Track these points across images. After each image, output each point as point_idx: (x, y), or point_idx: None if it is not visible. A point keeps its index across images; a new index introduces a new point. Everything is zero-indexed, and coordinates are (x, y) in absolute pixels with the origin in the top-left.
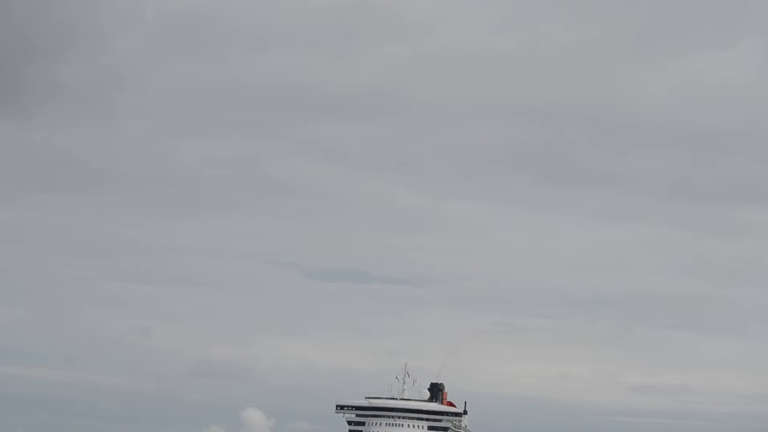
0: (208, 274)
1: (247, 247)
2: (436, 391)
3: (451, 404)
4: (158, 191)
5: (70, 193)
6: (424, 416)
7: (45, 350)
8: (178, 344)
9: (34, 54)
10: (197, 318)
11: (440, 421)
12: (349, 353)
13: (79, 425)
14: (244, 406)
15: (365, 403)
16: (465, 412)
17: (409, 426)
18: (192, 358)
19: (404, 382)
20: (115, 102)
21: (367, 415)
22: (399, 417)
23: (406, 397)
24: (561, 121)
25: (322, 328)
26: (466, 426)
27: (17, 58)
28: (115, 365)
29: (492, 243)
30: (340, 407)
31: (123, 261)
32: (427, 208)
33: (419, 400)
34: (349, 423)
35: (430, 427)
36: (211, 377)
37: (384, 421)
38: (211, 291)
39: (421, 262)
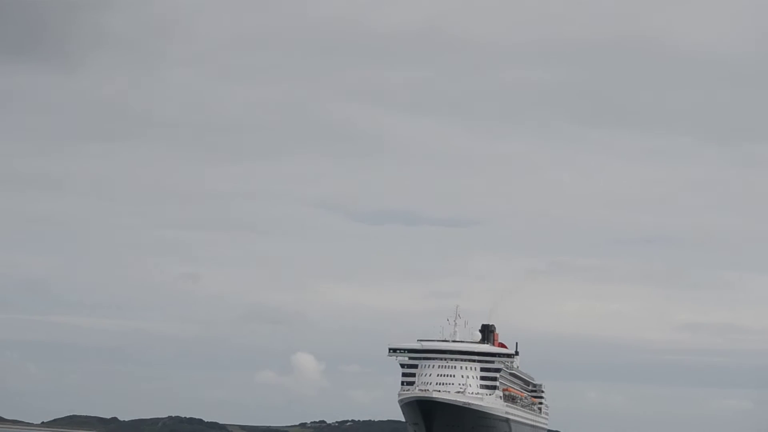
0: (258, 219)
1: (296, 192)
2: (488, 332)
3: (502, 345)
4: (207, 137)
5: (117, 141)
6: (477, 358)
7: (96, 299)
8: (228, 290)
9: (81, 3)
10: (247, 263)
11: (492, 362)
12: (399, 295)
13: (132, 372)
14: (294, 350)
15: (418, 345)
16: (516, 353)
17: (461, 368)
18: (242, 304)
19: (456, 324)
20: (162, 49)
21: (419, 358)
22: (451, 359)
23: (458, 339)
24: (610, 61)
25: (372, 270)
26: (517, 366)
27: (65, 7)
28: (165, 312)
29: (542, 184)
30: (393, 350)
31: (171, 207)
32: (475, 149)
33: (471, 342)
34: (402, 366)
35: (482, 369)
36: (262, 322)
37: (437, 363)
38: (260, 236)
39: (470, 203)
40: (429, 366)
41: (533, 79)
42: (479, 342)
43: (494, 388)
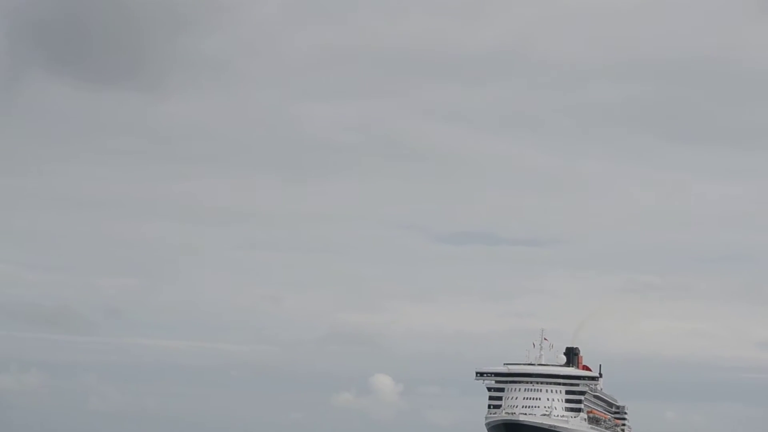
0: (338, 239)
1: (376, 213)
2: (572, 355)
3: (586, 368)
4: (288, 157)
5: (200, 162)
6: (562, 381)
7: (175, 320)
8: (308, 312)
9: (165, 25)
10: (327, 285)
11: (577, 385)
12: (478, 316)
13: (210, 394)
14: (373, 372)
15: (504, 369)
16: (600, 375)
17: (547, 391)
18: (322, 325)
19: (541, 348)
20: (246, 70)
21: (506, 381)
22: (537, 382)
23: (543, 363)
24: (689, 77)
25: (451, 292)
26: (601, 389)
27: (147, 30)
28: (245, 334)
29: (621, 202)
30: (480, 374)
31: (253, 228)
32: (555, 168)
33: (556, 365)
34: (489, 389)
35: (567, 392)
36: (341, 344)
37: (523, 386)
38: (340, 257)
39: (550, 222)
40: (515, 389)
41: (613, 97)
42: (564, 365)
43: (579, 410)
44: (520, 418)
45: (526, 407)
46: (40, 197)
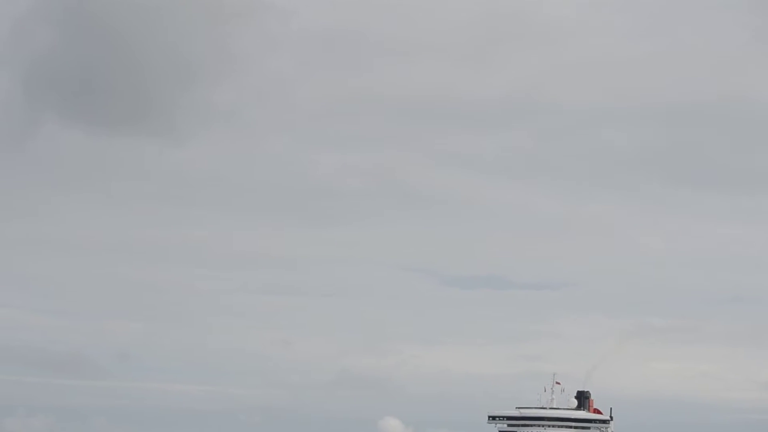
0: (347, 283)
1: (385, 257)
2: (583, 398)
3: (597, 411)
4: (296, 203)
5: (209, 208)
6: (573, 424)
7: (184, 364)
8: (317, 355)
9: (177, 73)
10: (336, 328)
11: (588, 428)
12: (487, 360)
13: None
14: (382, 415)
15: (516, 413)
16: (611, 418)
17: None
18: (331, 369)
19: (553, 391)
20: (256, 118)
21: (518, 425)
22: (549, 426)
23: (554, 406)
24: (696, 122)
25: (460, 335)
26: (612, 431)
27: (159, 77)
28: (254, 377)
29: (627, 245)
30: (492, 417)
31: (262, 273)
32: (562, 212)
33: (567, 409)
34: None
35: None
36: (350, 388)
37: (535, 430)
38: (349, 301)
39: (558, 266)
40: None
41: (621, 142)
42: (575, 408)
43: None
44: None
45: None
46: (49, 242)
